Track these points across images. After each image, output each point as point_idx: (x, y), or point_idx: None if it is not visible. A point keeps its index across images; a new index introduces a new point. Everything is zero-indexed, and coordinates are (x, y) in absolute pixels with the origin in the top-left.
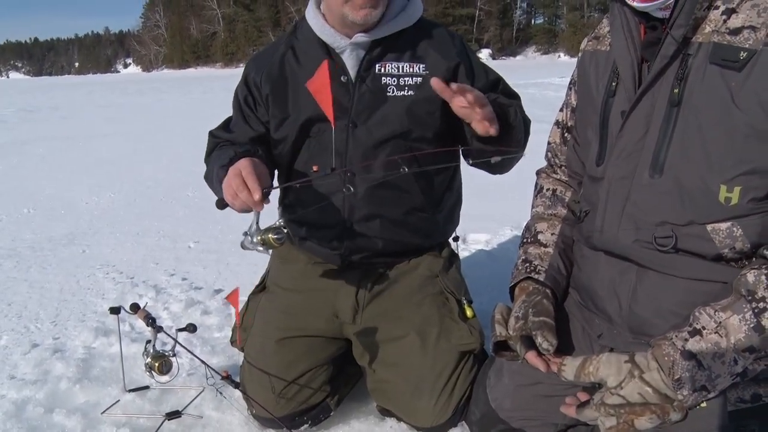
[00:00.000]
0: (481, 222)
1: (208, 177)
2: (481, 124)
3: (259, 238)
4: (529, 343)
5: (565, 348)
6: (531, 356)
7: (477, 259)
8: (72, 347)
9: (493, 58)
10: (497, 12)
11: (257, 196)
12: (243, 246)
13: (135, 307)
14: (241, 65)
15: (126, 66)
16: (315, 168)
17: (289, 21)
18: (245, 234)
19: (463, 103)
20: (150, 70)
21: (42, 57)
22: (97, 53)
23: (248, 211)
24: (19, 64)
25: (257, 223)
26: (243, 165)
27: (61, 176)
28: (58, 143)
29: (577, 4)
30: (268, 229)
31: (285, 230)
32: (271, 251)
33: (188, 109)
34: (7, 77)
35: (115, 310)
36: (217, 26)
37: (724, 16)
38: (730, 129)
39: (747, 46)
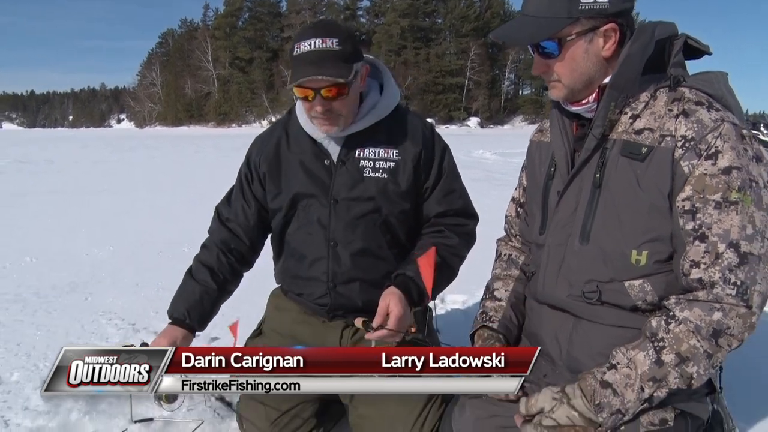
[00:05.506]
0: (459, 284)
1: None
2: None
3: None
4: None
5: None
6: None
7: (454, 317)
8: None
9: (482, 127)
10: (486, 82)
11: None
12: None
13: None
14: (234, 125)
15: (119, 121)
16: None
17: (283, 84)
18: None
19: None
20: (143, 127)
21: (37, 109)
22: (91, 108)
23: None
24: (13, 115)
25: None
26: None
27: (59, 229)
28: (55, 197)
29: None
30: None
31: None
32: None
33: (180, 168)
34: (0, 127)
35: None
36: (211, 86)
37: (630, 120)
38: (637, 206)
39: (647, 143)
